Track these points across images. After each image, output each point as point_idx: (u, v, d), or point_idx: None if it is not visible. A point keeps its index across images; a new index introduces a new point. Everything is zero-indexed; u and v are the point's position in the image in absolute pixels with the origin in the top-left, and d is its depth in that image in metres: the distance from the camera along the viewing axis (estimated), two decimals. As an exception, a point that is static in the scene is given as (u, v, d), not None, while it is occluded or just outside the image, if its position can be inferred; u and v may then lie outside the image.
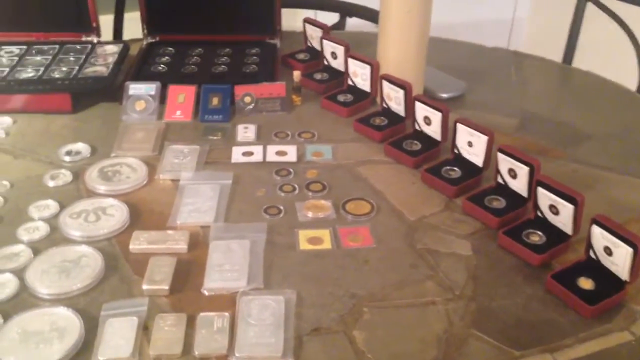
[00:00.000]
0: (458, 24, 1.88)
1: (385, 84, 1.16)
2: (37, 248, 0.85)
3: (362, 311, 0.77)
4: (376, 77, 1.21)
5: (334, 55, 1.32)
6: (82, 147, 1.08)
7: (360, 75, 1.24)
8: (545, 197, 0.87)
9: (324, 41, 1.33)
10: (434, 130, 1.08)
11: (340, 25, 1.78)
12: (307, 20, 1.42)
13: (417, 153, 1.06)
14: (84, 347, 0.71)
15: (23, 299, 0.78)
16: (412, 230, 0.91)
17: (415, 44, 1.17)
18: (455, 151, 1.04)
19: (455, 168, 1.02)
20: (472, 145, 1.00)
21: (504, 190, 0.96)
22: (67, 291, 0.78)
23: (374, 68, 1.20)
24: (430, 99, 1.09)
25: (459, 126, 1.01)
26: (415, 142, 1.09)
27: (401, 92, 1.13)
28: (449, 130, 1.05)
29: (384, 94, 1.17)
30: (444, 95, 1.26)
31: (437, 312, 0.78)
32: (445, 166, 1.02)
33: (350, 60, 1.24)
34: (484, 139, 0.98)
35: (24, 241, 0.86)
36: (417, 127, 1.11)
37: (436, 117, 1.06)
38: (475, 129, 0.99)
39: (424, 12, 1.14)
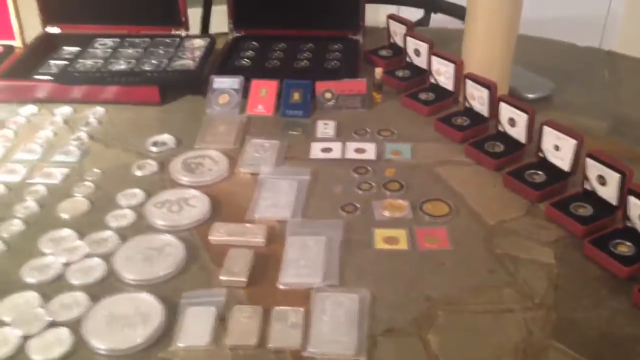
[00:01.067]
0: (546, 20, 1.81)
1: (469, 83, 1.13)
2: (123, 234, 0.89)
3: (437, 314, 0.76)
4: (460, 76, 1.18)
5: (417, 52, 1.30)
6: (167, 138, 1.12)
7: (443, 73, 1.22)
8: (637, 207, 0.83)
9: (408, 38, 1.31)
10: (518, 132, 1.04)
11: (424, 21, 1.76)
12: (391, 17, 1.40)
13: (500, 155, 1.04)
14: (165, 332, 0.74)
15: (110, 283, 0.82)
16: (491, 235, 0.89)
17: (503, 43, 1.13)
18: (540, 154, 1.00)
19: (540, 172, 0.98)
20: (559, 149, 0.97)
21: (591, 197, 0.92)
22: (151, 277, 0.81)
23: (458, 66, 1.18)
24: (515, 99, 1.05)
25: (546, 129, 0.97)
26: (498, 143, 1.06)
27: (485, 92, 1.10)
28: (534, 133, 1.01)
29: (467, 93, 1.15)
30: (530, 96, 1.22)
31: (515, 320, 0.76)
32: (529, 170, 0.99)
33: (433, 57, 1.22)
34: (572, 142, 0.94)
35: (112, 227, 0.90)
36: (500, 129, 1.08)
37: (521, 118, 1.03)
38: (563, 132, 0.95)
39: (514, 9, 1.10)
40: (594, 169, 0.90)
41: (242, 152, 1.08)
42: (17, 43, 1.39)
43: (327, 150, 1.09)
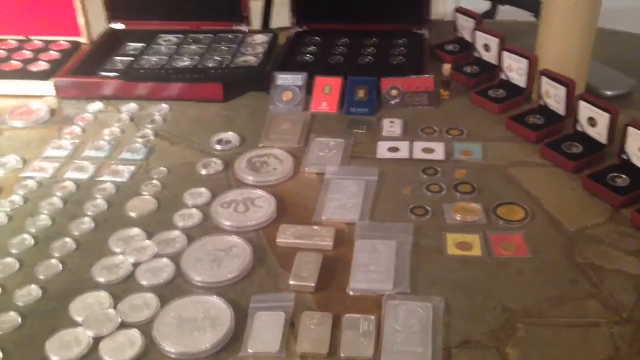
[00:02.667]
0: (623, 11, 1.71)
1: (544, 80, 1.08)
2: (191, 235, 0.88)
3: (517, 327, 0.73)
4: (534, 72, 1.13)
5: (486, 47, 1.25)
6: (232, 136, 1.11)
7: (515, 69, 1.17)
8: None
9: (477, 32, 1.26)
10: (599, 133, 0.99)
11: (491, 13, 1.70)
12: (458, 10, 1.36)
13: (579, 157, 0.98)
14: (234, 337, 0.73)
15: (178, 285, 0.81)
16: (572, 242, 0.84)
17: (581, 38, 1.07)
18: (624, 157, 0.95)
19: (623, 175, 0.93)
20: (645, 151, 0.91)
21: (681, 203, 0.86)
22: (219, 280, 0.80)
23: (532, 62, 1.13)
24: (596, 98, 1.00)
25: (631, 130, 0.91)
26: (576, 144, 1.01)
27: (562, 90, 1.05)
28: (616, 133, 0.96)
29: (542, 90, 1.10)
30: (609, 93, 1.15)
31: (601, 335, 0.71)
32: (612, 173, 0.94)
33: (505, 53, 1.17)
34: (660, 145, 0.88)
35: (180, 227, 0.90)
36: (578, 128, 1.03)
37: (603, 118, 0.97)
38: (650, 134, 0.89)
39: (593, 3, 1.04)
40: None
41: (307, 151, 1.06)
42: (83, 39, 1.40)
43: (394, 149, 1.06)
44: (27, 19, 1.40)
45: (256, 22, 1.71)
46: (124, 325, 0.74)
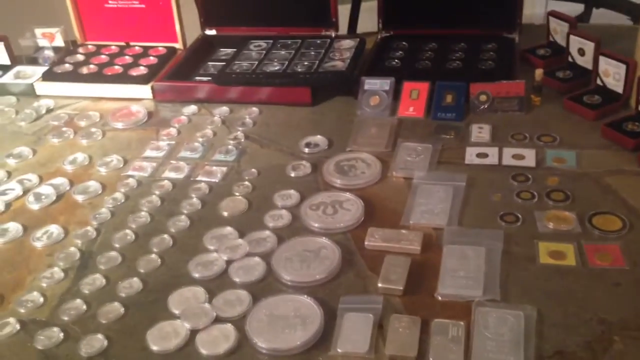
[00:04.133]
0: None
1: (644, 85, 1.04)
2: (280, 235, 0.91)
3: (613, 340, 0.71)
4: (632, 78, 1.09)
5: (581, 51, 1.22)
6: (320, 139, 1.13)
7: (612, 74, 1.13)
8: None
9: (571, 36, 1.23)
10: None
11: (585, 16, 1.64)
12: (552, 14, 1.33)
13: (681, 166, 0.94)
14: (323, 336, 0.74)
15: (269, 283, 0.84)
16: (673, 255, 0.81)
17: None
18: None
19: None
20: None
21: None
22: (308, 280, 0.82)
23: (631, 67, 1.09)
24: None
25: None
26: (679, 153, 0.96)
27: (664, 96, 1.00)
28: None
29: (641, 96, 1.05)
30: None
31: None
32: None
33: (601, 57, 1.14)
34: None
35: (270, 227, 0.92)
36: (681, 136, 0.98)
37: None
38: None
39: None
40: None
41: (394, 156, 1.06)
42: (178, 45, 1.47)
43: (482, 155, 1.05)
44: (127, 26, 1.48)
45: (343, 27, 1.74)
46: (218, 320, 0.77)
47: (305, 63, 1.34)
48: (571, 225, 0.87)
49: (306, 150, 1.11)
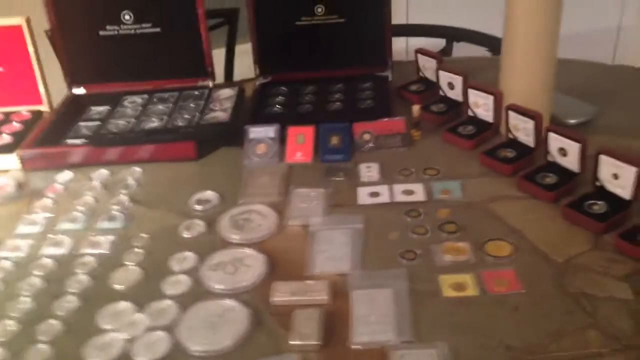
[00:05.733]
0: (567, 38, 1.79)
1: (512, 114, 1.11)
2: (182, 302, 0.86)
3: (522, 366, 0.73)
4: (500, 107, 1.16)
5: (451, 85, 1.28)
6: (210, 194, 1.10)
7: (481, 105, 1.20)
8: None
9: (440, 72, 1.30)
10: (570, 162, 1.02)
11: (447, 50, 1.75)
12: (419, 51, 1.39)
13: (554, 187, 1.01)
14: (241, 407, 0.71)
15: (176, 358, 0.79)
16: (561, 273, 0.86)
17: (543, 70, 1.12)
18: (597, 184, 0.97)
19: (599, 202, 0.95)
20: (618, 177, 0.94)
21: (660, 225, 0.89)
22: (218, 348, 0.78)
23: (498, 98, 1.16)
24: (565, 128, 1.03)
25: (603, 158, 0.94)
26: (550, 174, 1.03)
27: (531, 123, 1.08)
28: (587, 160, 0.99)
29: (510, 124, 1.13)
30: (572, 121, 1.19)
31: (605, 366, 0.72)
32: (588, 200, 0.96)
33: (470, 90, 1.21)
34: (632, 170, 0.91)
35: (170, 295, 0.88)
36: (549, 159, 1.06)
37: (573, 148, 1.00)
38: (622, 160, 0.92)
39: (552, 36, 1.09)
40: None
41: (288, 204, 1.06)
42: (44, 107, 1.38)
43: (374, 194, 1.06)
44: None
45: (218, 73, 1.72)
46: (125, 407, 0.71)
47: (186, 116, 1.30)
48: (467, 255, 0.90)
49: (198, 207, 1.08)
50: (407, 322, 0.79)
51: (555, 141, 1.03)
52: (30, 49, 1.34)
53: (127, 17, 1.38)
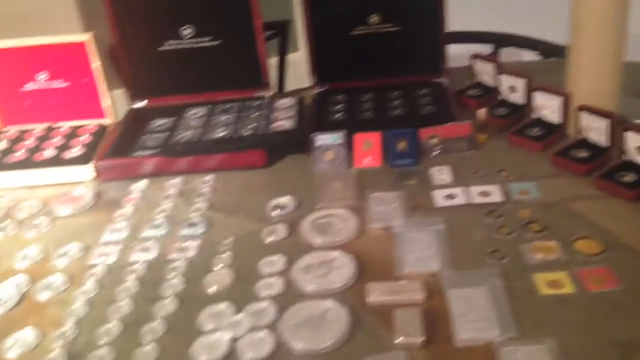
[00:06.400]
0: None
1: (584, 115, 1.12)
2: (278, 303, 0.88)
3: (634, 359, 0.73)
4: (568, 108, 1.17)
5: (512, 89, 1.30)
6: (287, 200, 1.11)
7: (548, 107, 1.21)
8: None
9: (502, 76, 1.31)
10: (649, 160, 1.02)
11: (494, 55, 1.76)
12: (476, 57, 1.41)
13: (634, 185, 1.01)
14: (355, 403, 0.72)
15: (281, 356, 0.80)
16: (657, 267, 0.86)
17: (612, 72, 1.12)
18: (679, 180, 0.98)
19: (683, 198, 0.96)
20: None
21: None
22: (322, 347, 0.79)
23: (566, 99, 1.17)
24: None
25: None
26: (628, 173, 1.04)
27: (604, 123, 1.09)
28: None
29: (581, 125, 1.14)
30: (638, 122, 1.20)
31: None
32: (669, 197, 0.97)
33: (536, 93, 1.22)
34: None
35: (265, 297, 0.89)
36: (624, 158, 1.06)
37: (652, 145, 1.01)
38: None
39: (620, 37, 1.10)
40: None
41: (366, 207, 1.07)
42: (109, 121, 1.41)
43: (450, 197, 1.08)
44: (50, 106, 1.41)
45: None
46: (242, 404, 0.72)
47: (251, 125, 1.32)
48: (557, 253, 0.91)
49: (275, 213, 1.09)
50: (509, 319, 0.80)
51: (634, 140, 1.03)
52: (95, 64, 1.37)
53: (187, 31, 1.40)
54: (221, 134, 1.30)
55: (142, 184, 1.21)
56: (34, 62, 1.37)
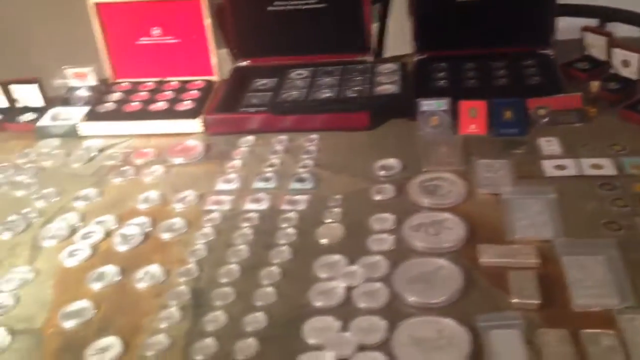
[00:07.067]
0: None
1: None
2: (390, 258, 0.90)
3: None
4: (688, 84, 1.13)
5: (625, 63, 1.26)
6: (393, 162, 1.13)
7: (666, 82, 1.17)
8: None
9: (615, 50, 1.27)
10: None
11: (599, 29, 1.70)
12: (587, 29, 1.37)
13: None
14: (473, 356, 0.73)
15: (395, 307, 0.82)
16: None
17: None
18: None
19: None
20: None
21: None
22: (435, 301, 0.81)
23: (688, 75, 1.13)
24: None
25: None
26: None
27: None
28: None
29: None
30: None
31: None
32: None
33: (654, 67, 1.18)
34: None
35: (377, 251, 0.91)
36: None
37: None
38: None
39: None
40: None
41: (473, 173, 1.07)
42: (215, 78, 1.45)
43: (560, 167, 1.06)
44: (161, 61, 1.46)
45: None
46: (361, 347, 0.75)
47: (356, 88, 1.34)
48: (682, 229, 0.89)
49: (382, 173, 1.11)
50: (628, 288, 0.80)
51: None
52: (206, 21, 1.41)
53: (296, -8, 1.42)
54: (326, 95, 1.32)
55: (249, 139, 1.25)
56: (149, 17, 1.43)
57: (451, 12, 1.42)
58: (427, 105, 1.25)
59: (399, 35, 1.61)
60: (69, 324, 0.83)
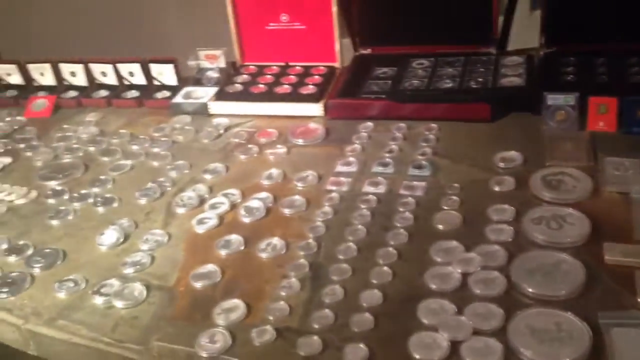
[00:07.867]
0: None
1: None
2: (508, 249, 0.89)
3: None
4: None
5: None
6: (515, 155, 1.11)
7: None
8: None
9: None
10: None
11: None
12: None
13: None
14: (592, 353, 0.72)
15: (512, 296, 0.82)
16: None
17: None
18: None
19: None
20: None
21: None
22: (553, 294, 0.80)
23: None
24: None
25: None
26: None
27: None
28: None
29: None
30: None
31: None
32: None
33: None
34: None
35: (495, 241, 0.91)
36: None
37: None
38: None
39: None
40: None
41: (600, 170, 1.04)
42: (337, 64, 1.49)
43: (696, 170, 1.00)
44: (287, 46, 1.52)
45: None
46: (475, 332, 0.76)
47: (479, 79, 1.33)
48: None
49: (502, 165, 1.10)
50: None
51: None
52: (334, 9, 1.45)
53: (422, -18, 1.42)
54: (448, 85, 1.32)
55: (369, 125, 1.28)
56: (278, 3, 1.48)
57: (583, 6, 1.37)
58: (554, 99, 1.22)
59: (524, 29, 1.58)
60: (198, 284, 0.90)
